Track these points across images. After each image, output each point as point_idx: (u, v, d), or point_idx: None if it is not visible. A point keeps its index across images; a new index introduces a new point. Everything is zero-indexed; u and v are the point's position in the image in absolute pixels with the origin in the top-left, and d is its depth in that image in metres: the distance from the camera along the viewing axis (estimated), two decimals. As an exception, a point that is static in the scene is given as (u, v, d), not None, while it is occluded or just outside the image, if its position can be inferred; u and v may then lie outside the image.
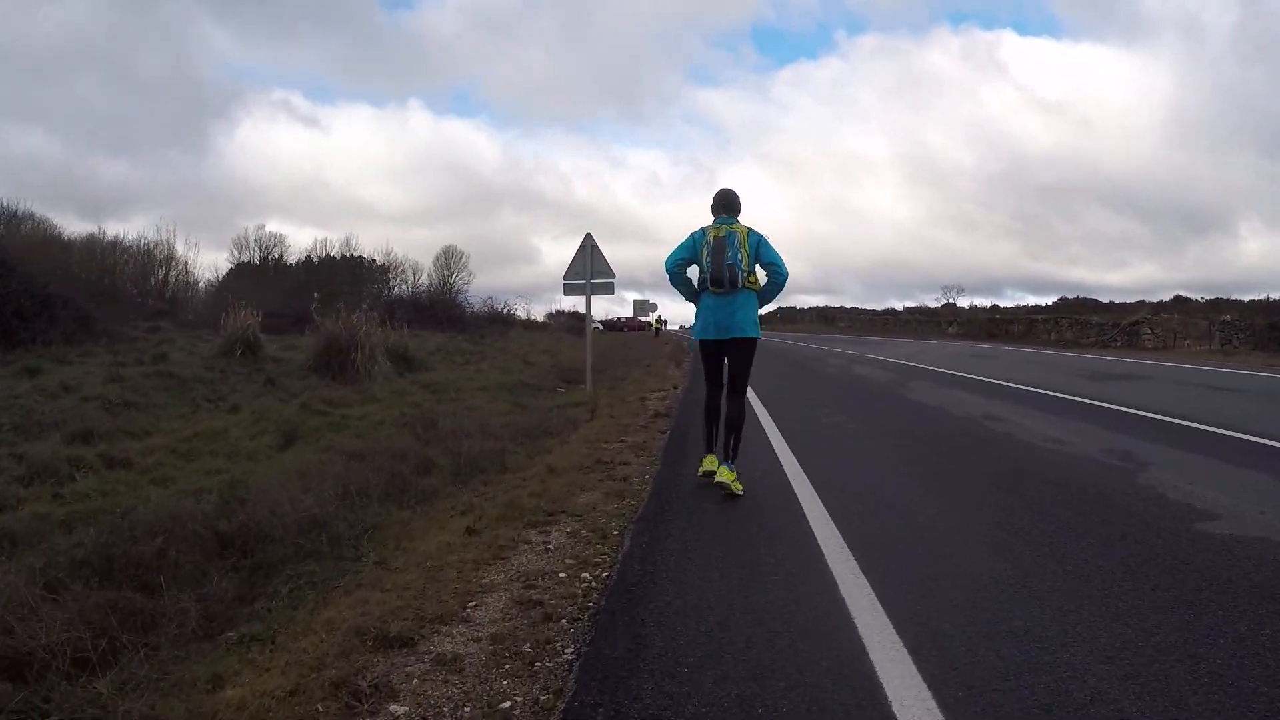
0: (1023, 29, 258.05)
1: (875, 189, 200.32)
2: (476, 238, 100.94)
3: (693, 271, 5.19)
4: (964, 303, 52.25)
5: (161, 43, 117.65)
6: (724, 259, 4.90)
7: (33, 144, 72.92)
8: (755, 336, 5.07)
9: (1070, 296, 52.27)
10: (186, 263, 40.90)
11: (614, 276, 12.88)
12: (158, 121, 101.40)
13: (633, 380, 14.45)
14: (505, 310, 38.91)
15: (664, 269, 5.22)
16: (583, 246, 12.98)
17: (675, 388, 12.76)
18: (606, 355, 25.03)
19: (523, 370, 18.70)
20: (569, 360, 22.31)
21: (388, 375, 15.49)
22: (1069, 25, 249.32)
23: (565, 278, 13.10)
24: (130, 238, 42.81)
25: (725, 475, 4.88)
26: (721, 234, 4.96)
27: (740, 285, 4.94)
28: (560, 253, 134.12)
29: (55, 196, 69.17)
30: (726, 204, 5.16)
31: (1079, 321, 38.49)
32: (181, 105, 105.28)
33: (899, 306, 59.28)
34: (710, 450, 5.34)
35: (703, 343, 5.22)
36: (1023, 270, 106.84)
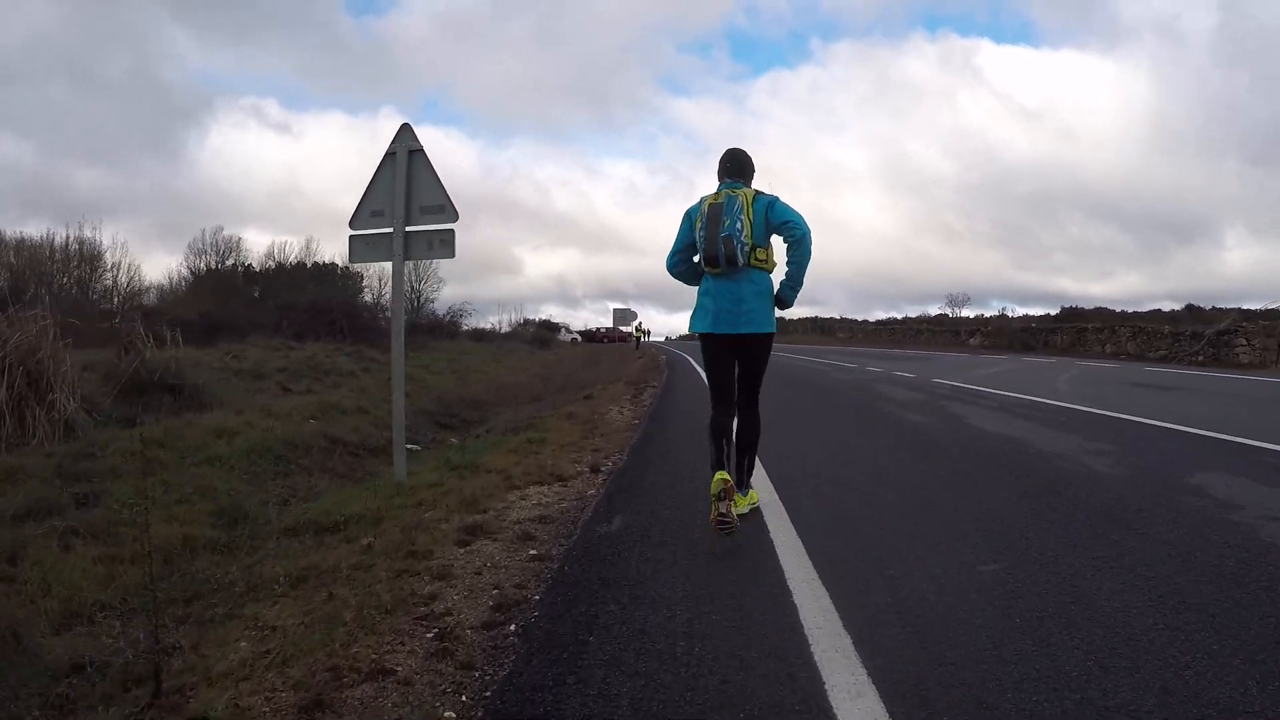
0: (1000, 36, 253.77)
1: (856, 199, 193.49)
2: (458, 248, 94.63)
3: None
4: (968, 313, 47.66)
5: (127, 47, 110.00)
6: (717, 230, 3.65)
7: (3, 150, 66.15)
8: (769, 331, 3.79)
9: (1075, 306, 47.76)
10: (123, 265, 35.26)
11: (455, 217, 5.66)
12: (129, 128, 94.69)
13: (529, 439, 7.20)
14: (450, 318, 31.74)
15: (667, 269, 4.03)
16: (389, 155, 5.79)
17: (598, 470, 5.55)
18: (549, 376, 17.86)
19: (382, 407, 11.45)
20: (482, 385, 15.12)
21: (83, 427, 8.25)
22: (1047, 32, 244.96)
23: (353, 223, 5.89)
24: (37, 238, 36.37)
25: (741, 502, 3.75)
26: (719, 200, 3.73)
27: (742, 262, 3.66)
28: (542, 264, 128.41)
29: (31, 203, 63.43)
30: (735, 166, 3.92)
31: (1144, 330, 31.81)
32: (151, 111, 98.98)
33: (897, 316, 54.63)
34: (721, 467, 3.68)
35: (704, 339, 3.88)
36: (1008, 280, 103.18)
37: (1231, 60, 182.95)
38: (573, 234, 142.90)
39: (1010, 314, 46.82)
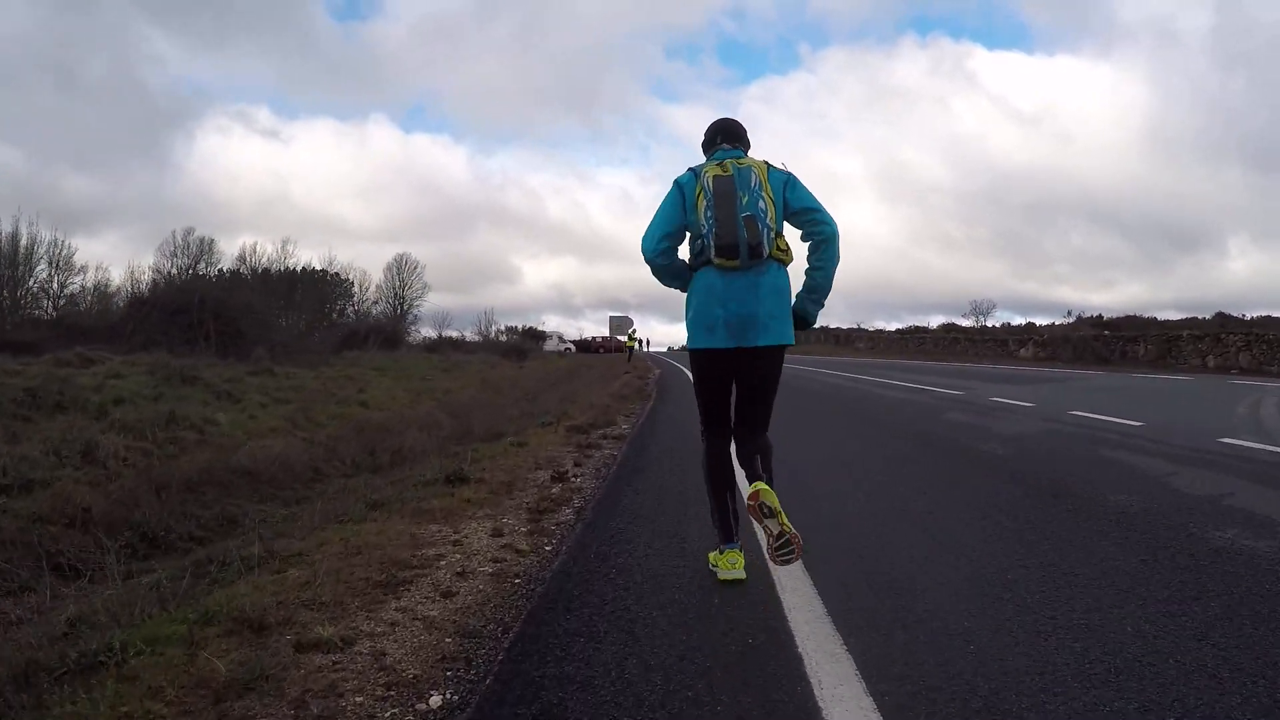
0: (992, 40, 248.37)
1: (853, 207, 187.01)
2: (453, 256, 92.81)
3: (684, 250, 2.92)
4: (993, 323, 46.36)
5: (112, 53, 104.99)
6: (735, 207, 2.65)
7: (-9, 155, 62.51)
8: (788, 343, 2.81)
9: (1097, 314, 44.65)
10: (74, 266, 31.14)
11: None
12: (117, 134, 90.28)
13: None
14: (392, 325, 25.48)
15: (644, 257, 2.88)
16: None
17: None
18: (474, 408, 11.47)
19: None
20: (326, 433, 8.73)
21: None
22: (1040, 35, 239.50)
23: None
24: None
25: (769, 496, 2.57)
26: (727, 172, 2.72)
27: (766, 253, 2.67)
28: (540, 272, 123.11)
29: (24, 210, 60.64)
30: (728, 133, 2.94)
31: (1263, 339, 25.36)
32: (137, 118, 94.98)
33: (915, 325, 52.70)
34: (730, 541, 2.89)
35: (697, 355, 2.84)
36: (1009, 290, 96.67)
37: (1229, 63, 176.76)
38: (569, 242, 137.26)
39: (1040, 323, 43.73)
